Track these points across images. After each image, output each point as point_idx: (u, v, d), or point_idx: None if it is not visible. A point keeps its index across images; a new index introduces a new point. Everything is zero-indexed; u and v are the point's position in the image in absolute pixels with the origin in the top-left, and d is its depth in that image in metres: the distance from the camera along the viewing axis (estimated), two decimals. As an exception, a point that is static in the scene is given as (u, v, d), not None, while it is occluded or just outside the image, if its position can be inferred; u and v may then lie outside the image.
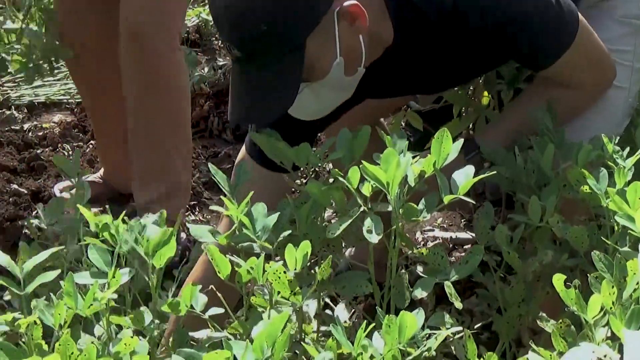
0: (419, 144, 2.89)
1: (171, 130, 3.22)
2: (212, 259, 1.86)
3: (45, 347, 1.78)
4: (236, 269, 1.85)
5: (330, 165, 3.18)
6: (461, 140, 2.00)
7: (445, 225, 3.39)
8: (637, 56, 2.43)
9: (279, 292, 1.82)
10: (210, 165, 2.06)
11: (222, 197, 2.01)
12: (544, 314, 1.83)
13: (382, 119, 2.90)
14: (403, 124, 3.30)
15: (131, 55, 3.12)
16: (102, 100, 3.43)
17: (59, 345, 1.67)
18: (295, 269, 1.82)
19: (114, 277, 1.83)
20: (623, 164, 2.06)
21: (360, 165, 1.93)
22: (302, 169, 2.14)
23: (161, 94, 3.18)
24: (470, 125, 2.95)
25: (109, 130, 3.50)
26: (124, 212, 2.00)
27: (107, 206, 2.21)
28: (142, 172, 3.26)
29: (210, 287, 1.92)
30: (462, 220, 3.43)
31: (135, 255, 1.93)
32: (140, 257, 1.90)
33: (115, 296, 1.83)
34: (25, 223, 3.23)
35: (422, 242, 3.27)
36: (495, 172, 2.09)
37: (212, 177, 2.04)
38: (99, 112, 3.49)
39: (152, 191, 3.21)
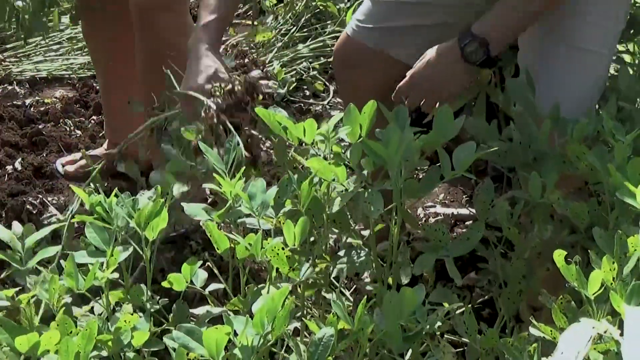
0: (420, 119, 2.88)
1: None
2: (210, 236, 1.86)
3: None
4: (233, 245, 1.85)
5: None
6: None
7: (446, 201, 3.39)
8: (617, 20, 2.43)
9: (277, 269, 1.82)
10: (200, 143, 2.05)
11: (215, 174, 2.00)
12: (545, 290, 1.83)
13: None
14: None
15: (140, 34, 3.13)
16: (115, 64, 3.43)
17: (57, 324, 1.68)
18: (293, 245, 1.82)
19: (112, 255, 1.83)
20: (622, 140, 2.05)
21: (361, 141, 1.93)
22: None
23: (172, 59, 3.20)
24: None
25: (119, 96, 3.49)
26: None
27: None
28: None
29: None
30: (464, 196, 3.42)
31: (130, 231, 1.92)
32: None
33: (116, 275, 1.84)
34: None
35: (424, 218, 3.27)
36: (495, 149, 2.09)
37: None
38: (110, 76, 3.48)
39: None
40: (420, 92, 2.34)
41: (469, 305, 1.91)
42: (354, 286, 2.68)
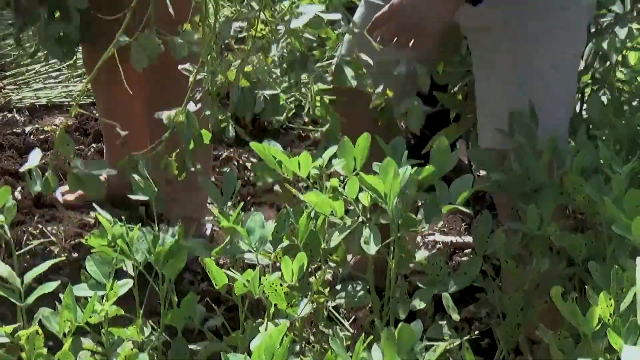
0: (418, 149, 2.88)
1: None
2: (208, 272, 1.86)
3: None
4: (231, 282, 1.85)
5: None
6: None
7: (445, 229, 3.39)
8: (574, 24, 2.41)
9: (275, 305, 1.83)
10: (203, 178, 2.06)
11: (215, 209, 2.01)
12: (542, 325, 1.83)
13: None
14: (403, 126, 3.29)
15: None
16: (115, 91, 3.40)
17: (58, 358, 1.68)
18: (291, 281, 1.83)
19: (112, 289, 1.84)
20: (619, 171, 2.04)
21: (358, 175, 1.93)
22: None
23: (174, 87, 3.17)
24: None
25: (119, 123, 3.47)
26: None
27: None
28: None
29: None
30: (463, 224, 3.42)
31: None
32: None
33: (114, 307, 1.84)
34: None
35: (423, 246, 3.26)
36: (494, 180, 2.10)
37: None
38: (110, 102, 3.46)
39: (174, 187, 3.20)
40: (398, 23, 2.21)
41: (466, 338, 1.91)
42: (353, 316, 2.68)
